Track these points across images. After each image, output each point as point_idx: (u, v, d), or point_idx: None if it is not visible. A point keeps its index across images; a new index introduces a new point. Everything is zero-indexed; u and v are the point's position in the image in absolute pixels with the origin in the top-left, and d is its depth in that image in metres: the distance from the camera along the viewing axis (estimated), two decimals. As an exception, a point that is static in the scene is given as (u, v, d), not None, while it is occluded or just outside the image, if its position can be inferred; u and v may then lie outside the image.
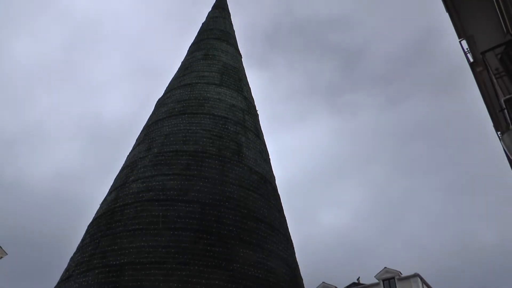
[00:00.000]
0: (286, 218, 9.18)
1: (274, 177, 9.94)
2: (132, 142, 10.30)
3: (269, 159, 10.33)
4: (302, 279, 8.29)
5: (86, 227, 8.36)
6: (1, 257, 35.50)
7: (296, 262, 8.43)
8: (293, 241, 8.93)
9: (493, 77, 7.96)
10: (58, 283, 7.34)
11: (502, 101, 7.52)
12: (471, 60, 10.08)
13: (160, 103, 10.81)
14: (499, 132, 10.27)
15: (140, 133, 10.24)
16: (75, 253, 7.78)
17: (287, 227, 8.96)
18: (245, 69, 12.44)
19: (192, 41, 12.85)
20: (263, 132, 11.07)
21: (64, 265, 7.85)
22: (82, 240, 7.95)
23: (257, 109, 11.61)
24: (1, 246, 35.50)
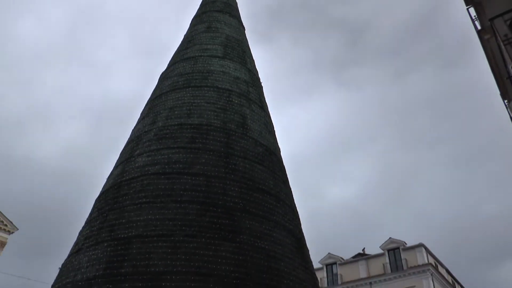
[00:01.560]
0: (292, 191, 9.23)
1: (279, 149, 9.95)
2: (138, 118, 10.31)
3: (274, 131, 10.33)
4: (308, 250, 8.39)
5: (93, 202, 8.46)
6: (12, 232, 36.22)
7: (302, 233, 8.51)
8: (299, 214, 9.00)
9: (502, 44, 7.83)
10: (68, 256, 7.47)
11: (510, 67, 7.42)
12: (479, 27, 9.90)
13: (164, 77, 10.76)
14: (506, 101, 10.17)
15: (145, 107, 10.24)
16: (83, 227, 7.89)
17: (293, 198, 9.02)
18: (249, 42, 12.29)
19: (194, 14, 12.68)
20: (267, 104, 11.03)
21: (74, 239, 7.97)
22: (90, 214, 8.05)
23: (261, 81, 11.53)
24: (12, 221, 36.19)
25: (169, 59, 11.56)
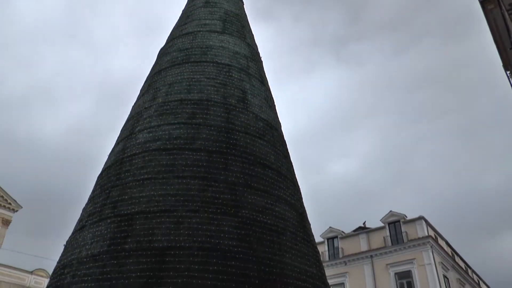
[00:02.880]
0: (294, 166, 9.25)
1: (280, 124, 9.94)
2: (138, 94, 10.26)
3: (275, 105, 10.29)
4: (309, 224, 8.46)
5: (96, 179, 8.50)
6: (17, 211, 36.57)
7: (304, 207, 8.57)
8: (301, 189, 9.04)
9: (506, 13, 7.70)
10: (73, 233, 7.54)
11: (513, 37, 7.32)
12: (482, -3, 9.72)
13: (163, 53, 10.67)
14: (508, 72, 10.08)
15: (144, 83, 10.19)
16: (87, 204, 7.94)
17: (294, 172, 9.05)
18: (248, 19, 12.13)
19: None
20: (268, 79, 10.96)
21: (78, 216, 8.04)
22: (93, 191, 8.10)
23: (260, 56, 11.44)
24: (16, 200, 36.50)
25: (168, 35, 11.44)
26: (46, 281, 33.79)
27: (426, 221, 34.68)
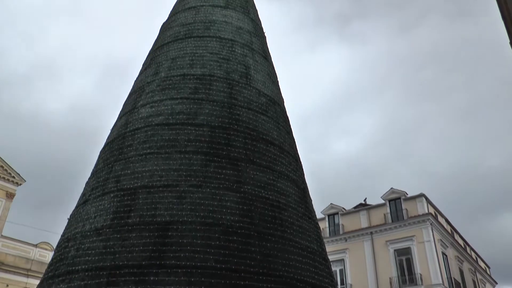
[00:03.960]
0: (297, 144, 9.25)
1: (283, 99, 9.89)
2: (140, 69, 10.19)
3: (278, 81, 10.22)
4: (311, 200, 8.50)
5: (99, 153, 8.52)
6: (20, 184, 36.86)
7: (305, 183, 8.60)
8: (304, 166, 9.05)
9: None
10: (76, 207, 7.59)
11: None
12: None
13: (165, 27, 10.56)
14: (514, 50, 9.93)
15: (146, 57, 10.11)
16: (90, 178, 7.98)
17: (296, 149, 9.05)
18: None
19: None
20: (271, 56, 10.87)
21: (81, 190, 8.09)
22: (96, 165, 8.13)
23: (264, 31, 11.30)
24: (19, 173, 36.75)
25: (170, 9, 11.30)
26: (50, 254, 34.31)
27: (426, 198, 34.86)
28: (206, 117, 7.78)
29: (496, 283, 51.03)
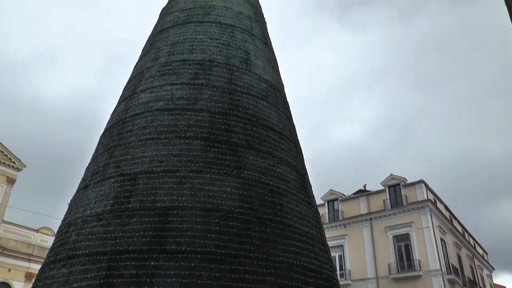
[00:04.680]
0: (298, 131, 9.25)
1: (283, 85, 9.85)
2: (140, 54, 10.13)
3: (278, 67, 10.17)
4: (311, 186, 8.51)
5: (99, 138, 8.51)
6: (21, 169, 36.94)
7: (305, 169, 8.61)
8: (304, 153, 9.05)
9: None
10: (77, 192, 7.60)
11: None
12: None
13: (165, 12, 10.47)
14: (516, 36, 9.84)
15: (146, 43, 10.05)
16: (90, 163, 7.98)
17: (296, 134, 9.04)
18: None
19: None
20: (271, 42, 10.80)
21: (82, 175, 8.10)
22: (96, 151, 8.12)
23: (264, 17, 11.21)
24: (20, 159, 36.81)
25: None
26: (51, 239, 34.55)
27: (426, 184, 34.95)
28: (206, 102, 7.76)
29: (493, 269, 51.43)
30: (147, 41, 10.07)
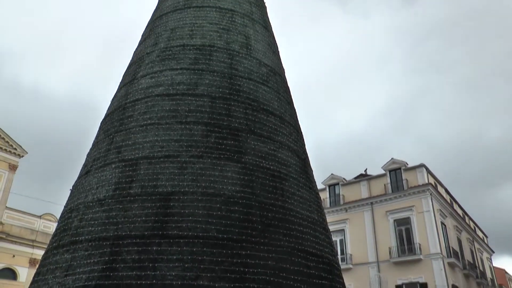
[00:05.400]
0: (300, 116, 9.22)
1: (284, 70, 9.81)
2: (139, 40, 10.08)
3: (278, 51, 10.12)
4: (312, 170, 8.53)
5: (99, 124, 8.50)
6: (22, 156, 37.03)
7: (306, 154, 8.61)
8: (306, 138, 9.05)
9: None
10: (78, 178, 7.62)
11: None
12: None
13: (164, -3, 10.36)
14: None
15: (145, 28, 9.98)
16: (91, 149, 7.99)
17: (297, 119, 9.02)
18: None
19: None
20: (272, 26, 10.72)
21: (83, 161, 8.11)
22: (97, 137, 8.12)
23: (264, 1, 11.11)
24: (21, 145, 36.88)
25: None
26: (54, 225, 34.79)
27: (426, 168, 35.01)
28: (207, 87, 7.73)
29: (493, 252, 51.78)
30: (147, 26, 10.00)
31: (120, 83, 8.92)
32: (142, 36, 9.85)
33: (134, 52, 9.54)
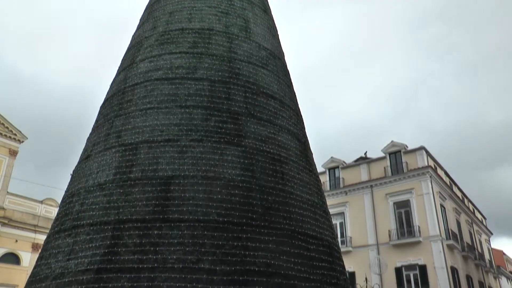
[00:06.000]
0: (301, 100, 9.19)
1: (283, 53, 9.75)
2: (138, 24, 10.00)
3: (278, 34, 10.04)
4: (312, 154, 8.53)
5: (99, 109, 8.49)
6: (22, 141, 37.06)
7: (306, 137, 8.61)
8: (306, 122, 9.03)
9: None
10: (79, 162, 7.63)
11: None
12: None
13: (162, -20, 10.23)
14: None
15: (144, 12, 9.90)
16: (91, 134, 7.99)
17: (297, 102, 9.00)
18: None
19: None
20: (271, 9, 10.62)
21: (83, 146, 8.11)
22: (96, 121, 8.11)
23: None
24: (21, 131, 36.87)
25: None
26: (55, 210, 34.98)
27: (426, 151, 35.05)
28: (206, 71, 7.70)
29: (492, 234, 52.16)
30: (145, 10, 9.91)
31: (119, 67, 8.87)
32: (140, 20, 9.77)
33: (133, 36, 9.47)
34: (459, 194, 42.31)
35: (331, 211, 32.48)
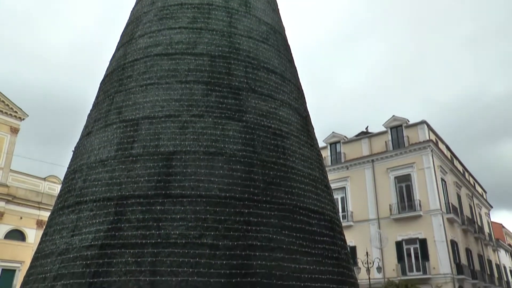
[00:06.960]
0: (303, 76, 9.11)
1: (284, 27, 9.62)
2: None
3: (278, 9, 9.90)
4: (313, 128, 8.52)
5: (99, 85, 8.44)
6: (23, 119, 37.06)
7: (307, 112, 8.58)
8: (307, 97, 8.98)
9: None
10: (80, 139, 7.64)
11: None
12: None
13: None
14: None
15: (142, -14, 9.72)
16: (91, 110, 7.97)
17: (298, 77, 8.93)
18: None
19: None
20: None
21: (84, 123, 8.10)
22: (97, 97, 8.08)
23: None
24: (22, 108, 36.83)
25: None
26: (58, 187, 35.23)
27: (428, 125, 35.02)
28: (206, 46, 7.62)
29: (491, 207, 52.54)
30: (143, -16, 9.73)
31: (118, 43, 8.78)
32: (139, -6, 9.61)
33: (131, 11, 9.34)
34: (460, 167, 42.44)
35: (332, 185, 32.61)
